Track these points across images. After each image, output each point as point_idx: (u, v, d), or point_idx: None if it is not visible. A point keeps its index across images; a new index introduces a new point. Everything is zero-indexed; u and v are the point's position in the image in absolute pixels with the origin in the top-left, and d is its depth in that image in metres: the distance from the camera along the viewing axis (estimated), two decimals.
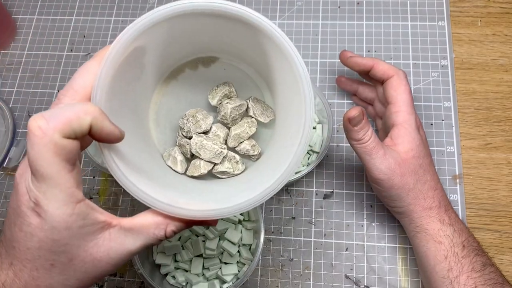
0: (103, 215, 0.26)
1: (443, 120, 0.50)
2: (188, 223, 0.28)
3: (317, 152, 0.46)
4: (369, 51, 0.54)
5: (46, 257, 0.25)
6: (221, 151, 0.33)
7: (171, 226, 0.28)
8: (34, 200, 0.24)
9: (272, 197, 0.49)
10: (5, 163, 0.52)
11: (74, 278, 0.26)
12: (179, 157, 0.33)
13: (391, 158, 0.38)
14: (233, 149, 0.34)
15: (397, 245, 0.46)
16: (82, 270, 0.26)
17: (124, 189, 0.27)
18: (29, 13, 0.61)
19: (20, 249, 0.25)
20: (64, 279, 0.26)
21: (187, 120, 0.33)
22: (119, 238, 0.26)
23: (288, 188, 0.49)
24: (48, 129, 0.22)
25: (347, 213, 0.47)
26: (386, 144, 0.39)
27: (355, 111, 0.36)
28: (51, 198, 0.23)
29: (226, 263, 0.42)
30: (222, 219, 0.43)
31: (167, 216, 0.27)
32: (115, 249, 0.26)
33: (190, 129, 0.33)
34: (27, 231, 0.24)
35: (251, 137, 0.34)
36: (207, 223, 0.29)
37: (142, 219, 0.27)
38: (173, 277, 0.43)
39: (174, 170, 0.34)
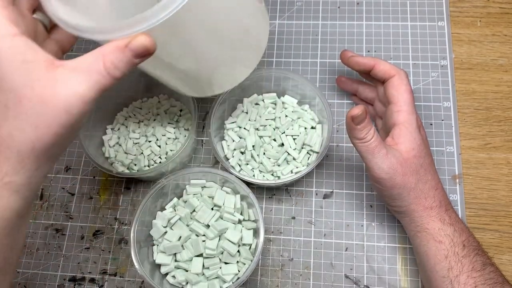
0: (44, 54, 0.27)
1: (442, 120, 0.50)
2: (124, 51, 0.27)
3: (317, 152, 0.47)
4: (369, 51, 0.54)
5: None
6: None
7: (107, 57, 0.27)
8: None
9: (272, 197, 0.49)
10: None
11: (28, 123, 0.26)
12: None
13: (393, 158, 0.38)
14: None
15: (397, 245, 0.46)
16: (33, 112, 0.26)
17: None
18: None
19: None
20: (19, 123, 0.26)
21: None
22: (64, 78, 0.26)
23: (288, 188, 0.49)
24: None
25: (347, 213, 0.48)
26: (387, 144, 0.39)
27: (358, 110, 0.36)
28: None
29: (226, 263, 0.42)
30: (221, 218, 0.43)
31: (100, 49, 0.27)
32: (62, 89, 0.26)
33: None
34: None
35: None
36: (142, 51, 0.27)
37: (83, 58, 0.27)
38: (173, 276, 0.43)
39: None
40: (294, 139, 0.47)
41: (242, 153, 0.47)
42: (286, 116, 0.48)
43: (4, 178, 0.27)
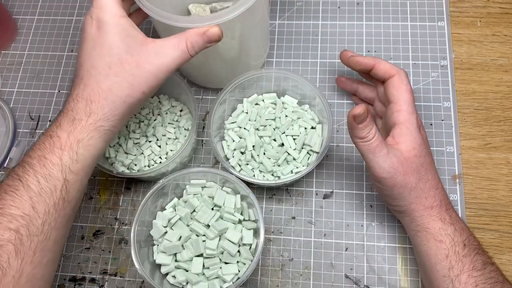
0: (140, 32, 0.36)
1: (442, 120, 0.50)
2: (202, 36, 0.36)
3: (317, 152, 0.47)
4: (369, 51, 0.54)
5: (105, 60, 0.35)
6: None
7: (189, 39, 0.36)
8: (96, 18, 0.35)
9: (272, 197, 0.49)
10: (6, 163, 0.52)
11: (126, 81, 0.35)
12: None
13: (394, 157, 0.38)
14: None
15: (397, 245, 0.46)
16: (131, 73, 0.35)
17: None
18: (29, 13, 0.61)
19: (87, 65, 0.35)
20: (119, 80, 0.35)
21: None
22: (156, 51, 0.36)
23: (288, 188, 0.49)
24: None
25: (347, 213, 0.48)
26: (388, 143, 0.39)
27: (360, 109, 0.36)
28: (106, 11, 0.35)
29: (226, 263, 0.42)
30: (221, 218, 0.43)
31: (184, 33, 0.36)
32: (154, 59, 0.35)
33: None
34: (91, 45, 0.35)
35: None
36: (215, 38, 0.37)
37: (169, 39, 0.36)
38: (173, 276, 0.43)
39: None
40: (294, 139, 0.47)
41: (242, 153, 0.48)
42: (286, 116, 0.48)
43: (97, 122, 0.35)
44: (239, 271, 0.42)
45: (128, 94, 0.35)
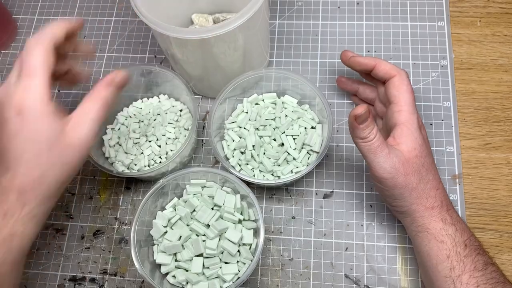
0: (60, 113, 0.35)
1: (442, 120, 0.50)
2: (112, 85, 0.37)
3: (317, 152, 0.47)
4: (369, 51, 0.54)
5: (32, 147, 0.33)
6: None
7: (100, 95, 0.36)
8: (18, 105, 0.33)
9: (272, 197, 0.49)
10: None
11: (59, 162, 0.34)
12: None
13: (395, 157, 0.38)
14: None
15: (396, 245, 0.46)
16: (61, 154, 0.34)
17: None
18: (29, 13, 0.61)
19: (14, 151, 0.33)
20: (51, 164, 0.34)
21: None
22: (76, 124, 0.35)
23: (288, 188, 0.49)
24: (41, 39, 0.35)
25: (347, 212, 0.48)
26: (389, 144, 0.39)
27: (361, 109, 0.36)
28: (32, 95, 0.33)
29: (226, 263, 0.42)
30: (221, 218, 0.43)
31: (94, 91, 0.36)
32: (78, 133, 0.35)
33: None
34: (16, 129, 0.33)
35: None
36: (124, 81, 0.38)
37: (82, 105, 0.36)
38: (173, 276, 0.43)
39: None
40: (294, 139, 0.47)
41: (242, 153, 0.48)
42: (286, 116, 0.48)
43: (32, 211, 0.33)
44: (239, 271, 0.42)
45: (62, 175, 0.34)
